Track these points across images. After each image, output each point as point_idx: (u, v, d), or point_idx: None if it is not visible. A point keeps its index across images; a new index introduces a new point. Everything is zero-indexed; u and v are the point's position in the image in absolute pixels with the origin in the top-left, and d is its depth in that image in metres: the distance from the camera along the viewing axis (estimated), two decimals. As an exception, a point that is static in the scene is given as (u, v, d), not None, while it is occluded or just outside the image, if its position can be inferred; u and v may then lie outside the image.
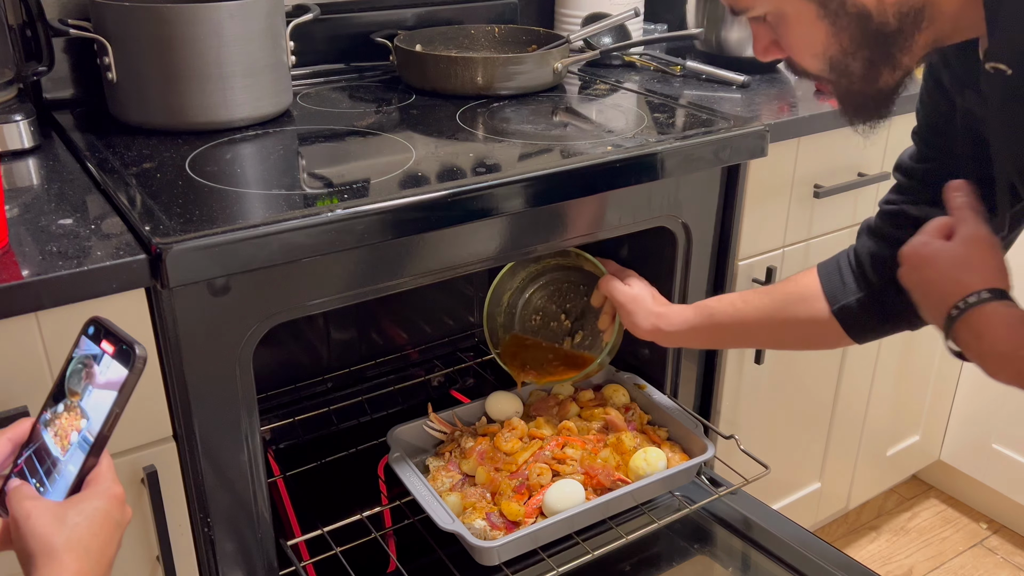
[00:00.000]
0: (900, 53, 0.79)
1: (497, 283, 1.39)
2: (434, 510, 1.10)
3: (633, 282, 1.24)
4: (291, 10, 1.31)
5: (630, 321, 1.22)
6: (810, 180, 1.43)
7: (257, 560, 1.06)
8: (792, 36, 0.82)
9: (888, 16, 0.76)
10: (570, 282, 1.40)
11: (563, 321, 1.41)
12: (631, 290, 1.22)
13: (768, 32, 0.84)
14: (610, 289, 1.24)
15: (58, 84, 1.29)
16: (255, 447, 1.01)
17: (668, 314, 1.19)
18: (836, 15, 0.77)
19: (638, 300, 1.21)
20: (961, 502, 2.12)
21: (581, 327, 1.39)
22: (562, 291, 1.41)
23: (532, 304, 1.43)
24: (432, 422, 1.29)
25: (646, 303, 1.21)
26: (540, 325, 1.42)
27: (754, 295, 1.14)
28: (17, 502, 0.66)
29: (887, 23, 0.77)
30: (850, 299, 1.04)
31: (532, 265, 1.39)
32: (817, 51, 0.81)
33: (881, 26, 0.77)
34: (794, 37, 0.82)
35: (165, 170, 1.06)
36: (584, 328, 1.39)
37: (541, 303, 1.43)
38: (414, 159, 1.11)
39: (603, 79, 1.56)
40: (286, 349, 1.53)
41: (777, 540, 1.22)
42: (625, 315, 1.22)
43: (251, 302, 0.95)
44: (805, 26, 0.80)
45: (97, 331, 0.70)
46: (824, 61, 0.81)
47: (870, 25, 0.77)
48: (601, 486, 1.17)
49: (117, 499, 0.68)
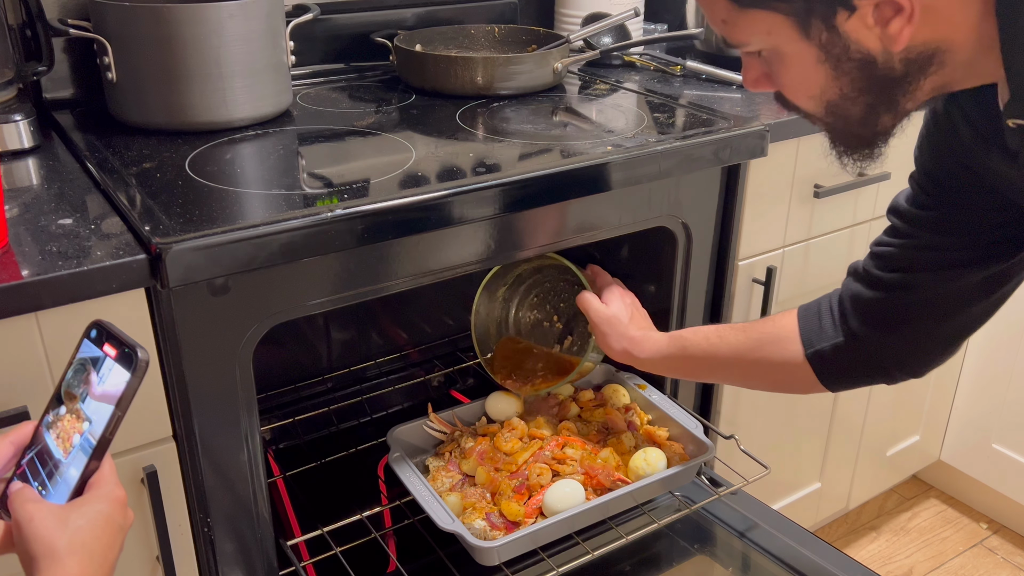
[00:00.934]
0: (904, 99, 0.74)
1: (486, 284, 1.37)
2: (434, 510, 1.10)
3: (612, 299, 1.21)
4: (291, 10, 1.31)
5: (603, 342, 1.20)
6: (810, 180, 1.43)
7: (257, 560, 1.06)
8: (788, 76, 0.77)
9: (894, 62, 0.71)
10: (565, 281, 1.38)
11: (555, 323, 1.40)
12: (607, 310, 1.19)
13: (761, 66, 0.79)
14: (586, 307, 1.21)
15: (58, 84, 1.29)
16: (255, 447, 1.01)
17: (641, 341, 1.16)
18: (838, 60, 0.72)
19: (612, 322, 1.18)
20: (961, 502, 2.12)
21: (572, 330, 1.38)
22: (557, 290, 1.40)
23: (526, 303, 1.41)
24: (432, 422, 1.29)
25: (619, 326, 1.18)
26: (533, 325, 1.41)
27: (731, 331, 1.10)
28: (19, 505, 0.66)
29: (893, 69, 0.72)
30: (825, 344, 1.00)
31: (523, 264, 1.37)
32: (814, 93, 0.76)
33: (887, 72, 0.72)
34: (790, 77, 0.77)
35: (165, 170, 1.06)
36: (575, 331, 1.38)
37: (535, 301, 1.41)
38: (414, 159, 1.11)
39: (603, 79, 1.56)
40: (286, 349, 1.53)
41: (777, 540, 1.22)
42: (598, 335, 1.20)
43: (251, 302, 0.95)
44: (804, 68, 0.74)
45: (100, 334, 0.70)
46: (821, 104, 0.77)
47: (875, 71, 0.72)
48: (601, 486, 1.17)
49: (119, 502, 0.68)
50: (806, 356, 1.01)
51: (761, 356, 1.05)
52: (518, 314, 1.42)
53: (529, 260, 1.32)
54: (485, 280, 1.37)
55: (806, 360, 1.01)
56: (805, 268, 1.50)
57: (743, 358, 1.07)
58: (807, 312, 1.03)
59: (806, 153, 1.40)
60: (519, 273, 1.39)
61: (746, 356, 1.07)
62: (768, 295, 1.41)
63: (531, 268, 1.38)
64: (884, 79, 0.73)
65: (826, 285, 1.56)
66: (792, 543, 1.21)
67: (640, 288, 1.38)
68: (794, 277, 1.49)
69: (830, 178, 1.45)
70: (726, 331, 1.10)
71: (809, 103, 0.78)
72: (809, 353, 1.00)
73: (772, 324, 1.06)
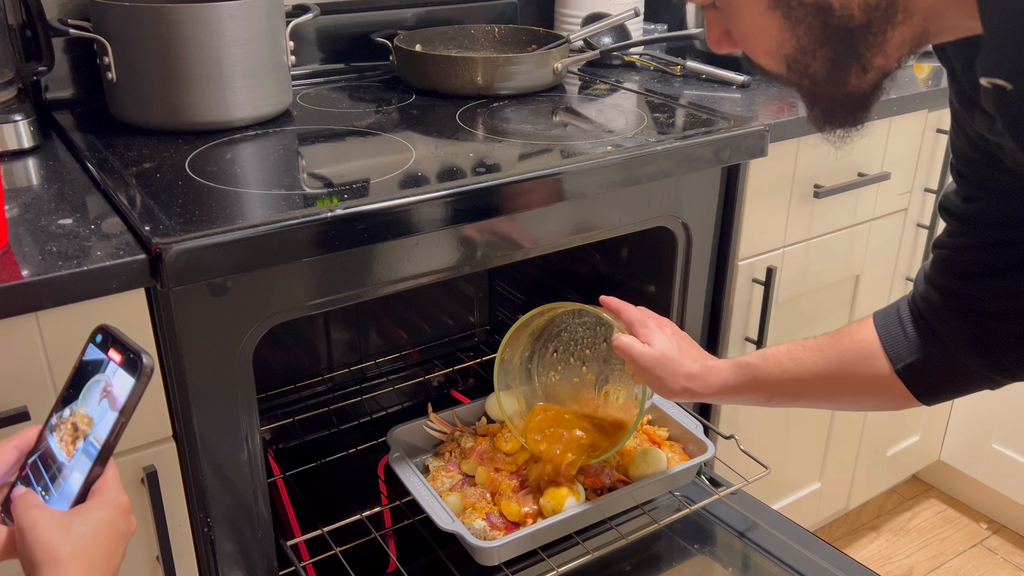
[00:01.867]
0: (870, 52, 0.66)
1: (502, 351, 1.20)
2: (434, 510, 1.10)
3: (653, 337, 1.06)
4: (291, 10, 1.31)
5: (658, 387, 1.06)
6: (810, 180, 1.43)
7: (257, 560, 1.06)
8: (741, 28, 0.70)
9: (852, 8, 0.64)
10: (582, 325, 1.24)
11: (586, 376, 1.25)
12: (652, 352, 1.04)
13: (720, 22, 0.72)
14: (627, 354, 1.06)
15: (58, 84, 1.29)
16: (255, 447, 1.01)
17: (703, 375, 1.03)
18: (789, 6, 0.65)
19: (662, 363, 1.03)
20: (961, 502, 2.12)
21: (607, 377, 1.24)
22: (575, 339, 1.25)
23: (546, 361, 1.26)
24: (432, 422, 1.29)
25: (672, 364, 1.04)
26: (562, 385, 1.26)
27: (805, 351, 0.98)
28: (23, 511, 0.66)
29: (851, 17, 0.64)
30: (915, 356, 0.90)
31: (535, 320, 1.19)
32: (771, 47, 0.69)
33: (844, 20, 0.65)
34: (743, 29, 0.70)
35: (165, 170, 1.06)
36: (611, 378, 1.23)
37: (556, 358, 1.26)
38: (414, 159, 1.11)
39: (603, 79, 1.56)
40: (286, 349, 1.54)
41: (777, 540, 1.22)
42: (651, 381, 1.06)
43: (251, 302, 0.95)
44: (754, 17, 0.68)
45: (105, 339, 0.70)
46: (780, 59, 0.69)
47: (831, 19, 0.65)
48: (601, 486, 1.17)
49: (122, 509, 0.68)
50: (896, 372, 0.91)
51: (845, 377, 0.95)
52: (542, 378, 1.27)
53: (537, 315, 1.17)
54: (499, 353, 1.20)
55: (896, 376, 0.91)
56: (805, 268, 1.50)
57: (826, 380, 0.96)
58: (887, 321, 0.93)
59: (806, 153, 1.40)
60: (530, 330, 1.23)
61: (828, 378, 0.96)
62: (768, 295, 1.41)
63: (542, 323, 1.23)
64: (842, 29, 0.65)
65: (826, 285, 1.57)
66: (792, 543, 1.21)
67: (640, 288, 1.38)
68: (794, 277, 1.49)
69: (830, 178, 1.46)
70: (799, 352, 0.99)
71: (768, 59, 0.70)
72: (899, 368, 0.91)
73: (851, 339, 0.95)
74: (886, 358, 0.91)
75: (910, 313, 0.91)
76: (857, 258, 1.59)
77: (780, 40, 0.68)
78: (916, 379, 0.91)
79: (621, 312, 1.12)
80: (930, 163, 1.63)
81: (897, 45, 0.66)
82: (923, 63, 1.67)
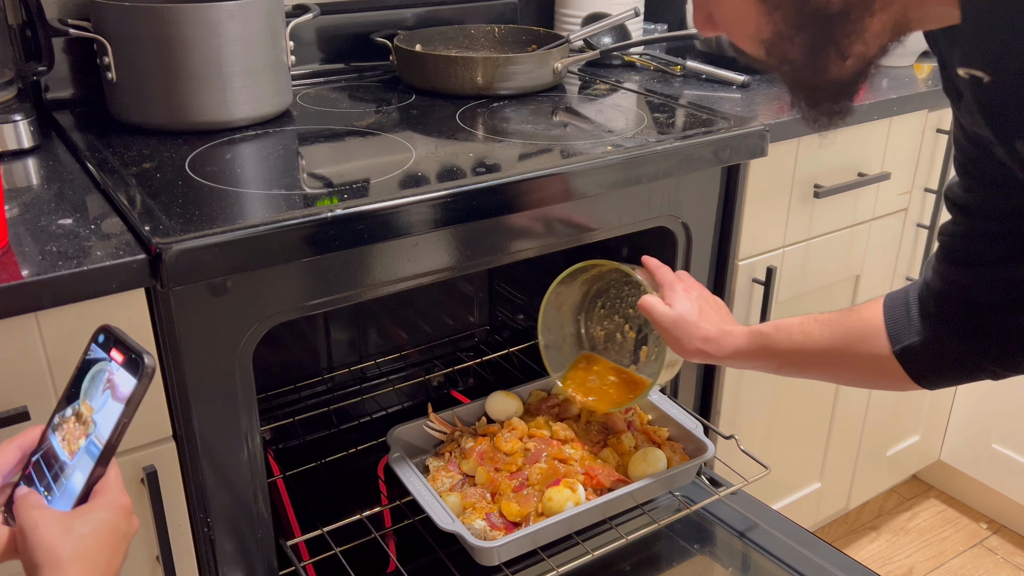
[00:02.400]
0: (848, 39, 0.66)
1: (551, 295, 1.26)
2: (434, 510, 1.10)
3: (676, 298, 1.10)
4: (291, 10, 1.31)
5: (676, 347, 1.10)
6: (810, 180, 1.43)
7: (257, 560, 1.06)
8: (721, 11, 0.71)
9: None
10: (629, 284, 1.30)
11: (627, 332, 1.30)
12: (671, 313, 1.08)
13: (705, 3, 0.73)
14: (649, 314, 1.10)
15: (58, 84, 1.29)
16: (255, 447, 1.01)
17: (717, 339, 1.07)
18: None
19: (680, 324, 1.08)
20: (961, 502, 2.12)
21: (646, 338, 1.29)
22: (622, 296, 1.31)
23: (594, 315, 1.33)
24: (432, 422, 1.29)
25: (689, 327, 1.07)
26: (606, 339, 1.33)
27: (816, 325, 1.01)
28: (25, 511, 0.66)
29: (828, 3, 0.64)
30: (914, 339, 0.90)
31: (582, 274, 1.25)
32: (750, 32, 0.69)
33: (822, 6, 0.64)
34: (723, 12, 0.71)
35: (165, 170, 1.06)
36: (649, 338, 1.29)
37: (603, 313, 1.32)
38: (414, 159, 1.11)
39: (603, 79, 1.56)
40: (286, 349, 1.54)
41: (777, 540, 1.22)
42: (669, 341, 1.10)
43: (251, 302, 0.95)
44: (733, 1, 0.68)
45: (107, 339, 0.70)
46: (760, 45, 0.69)
47: (807, 4, 0.65)
48: (601, 486, 1.17)
49: (124, 510, 0.68)
50: (893, 353, 0.92)
51: (849, 353, 0.97)
52: (589, 330, 1.34)
53: (586, 269, 1.22)
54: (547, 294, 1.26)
55: (894, 357, 0.92)
56: (805, 268, 1.50)
57: (830, 355, 0.99)
58: (894, 303, 0.94)
59: (806, 153, 1.40)
60: (581, 281, 1.29)
61: (833, 353, 0.99)
62: (768, 295, 1.41)
63: (591, 276, 1.29)
64: (819, 15, 0.65)
65: (826, 285, 1.57)
66: (792, 543, 1.21)
67: (640, 288, 1.38)
68: (794, 277, 1.49)
69: (830, 178, 1.46)
70: (810, 325, 1.02)
71: (749, 44, 0.71)
72: (897, 350, 0.92)
73: (858, 317, 0.97)
74: (887, 338, 0.93)
75: (917, 297, 0.92)
76: (857, 258, 1.59)
77: (758, 24, 0.68)
78: (913, 362, 0.92)
79: (655, 273, 1.16)
80: (930, 163, 1.63)
81: (876, 32, 0.66)
82: (923, 63, 1.67)
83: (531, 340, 1.61)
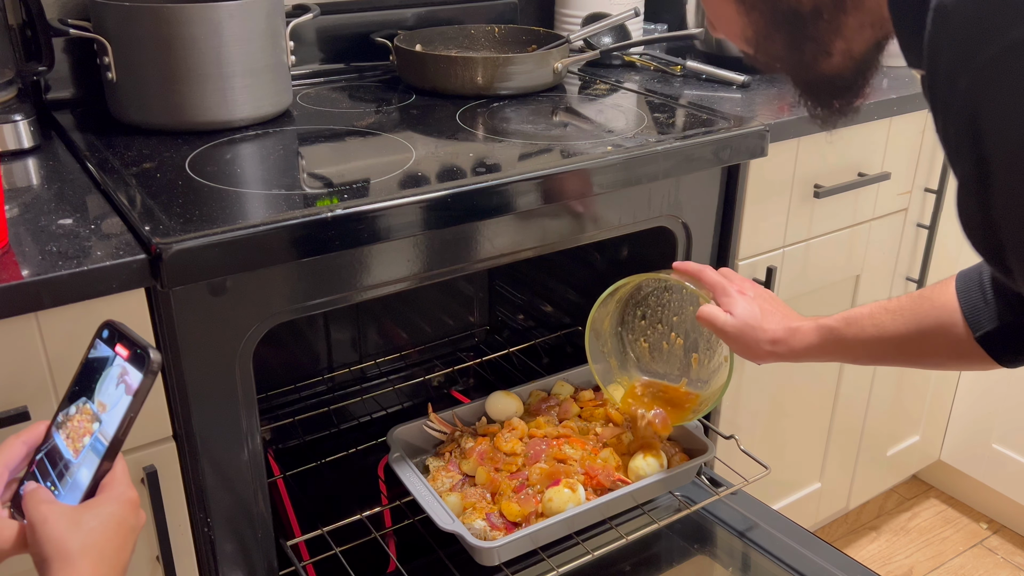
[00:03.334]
0: (826, 36, 0.68)
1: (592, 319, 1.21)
2: (434, 510, 1.10)
3: (734, 303, 1.06)
4: (291, 10, 1.31)
5: (746, 355, 1.07)
6: (810, 180, 1.43)
7: (257, 560, 1.06)
8: (710, 14, 0.75)
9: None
10: (667, 290, 1.24)
11: (674, 341, 1.25)
12: (735, 321, 1.04)
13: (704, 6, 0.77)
14: (711, 325, 1.07)
15: (58, 84, 1.29)
16: (255, 447, 1.01)
17: (787, 339, 1.04)
18: None
19: (745, 331, 1.04)
20: (961, 502, 2.12)
21: (697, 341, 1.23)
22: (662, 303, 1.25)
23: (635, 328, 1.28)
24: (432, 422, 1.29)
25: (755, 332, 1.04)
26: (652, 352, 1.28)
27: (886, 315, 0.98)
28: (34, 506, 0.66)
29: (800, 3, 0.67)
30: (995, 324, 0.89)
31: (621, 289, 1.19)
32: (737, 31, 0.73)
33: (793, 5, 0.67)
34: (712, 14, 0.75)
35: (165, 170, 1.06)
36: (699, 344, 1.23)
37: (644, 324, 1.27)
38: (414, 159, 1.11)
39: (603, 79, 1.56)
40: (286, 349, 1.54)
41: (777, 540, 1.22)
42: (738, 350, 1.07)
43: (251, 302, 0.95)
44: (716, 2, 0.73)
45: (112, 335, 0.70)
46: (746, 43, 0.73)
47: (780, 4, 0.68)
48: (601, 486, 1.17)
49: (131, 503, 0.69)
50: (976, 339, 0.90)
51: (925, 341, 0.95)
52: (634, 345, 1.28)
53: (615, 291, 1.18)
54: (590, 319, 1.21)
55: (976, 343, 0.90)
56: (805, 268, 1.50)
57: (906, 345, 0.97)
58: (968, 285, 0.92)
59: (806, 153, 1.40)
60: (618, 298, 1.23)
61: (909, 343, 0.97)
62: (768, 295, 1.41)
63: (629, 290, 1.23)
64: (792, 13, 0.68)
65: (826, 285, 1.57)
66: (792, 543, 1.21)
67: (640, 288, 1.38)
68: (794, 277, 1.49)
69: (830, 178, 1.46)
70: (881, 316, 0.99)
71: (740, 43, 0.74)
72: (979, 336, 0.90)
73: (931, 304, 0.95)
74: (965, 325, 0.91)
75: (991, 278, 0.90)
76: (857, 258, 1.59)
77: (741, 25, 0.71)
78: (996, 345, 0.90)
79: (701, 277, 1.11)
80: (930, 163, 1.63)
81: (855, 28, 0.67)
82: (923, 63, 1.66)
83: (531, 340, 1.61)
